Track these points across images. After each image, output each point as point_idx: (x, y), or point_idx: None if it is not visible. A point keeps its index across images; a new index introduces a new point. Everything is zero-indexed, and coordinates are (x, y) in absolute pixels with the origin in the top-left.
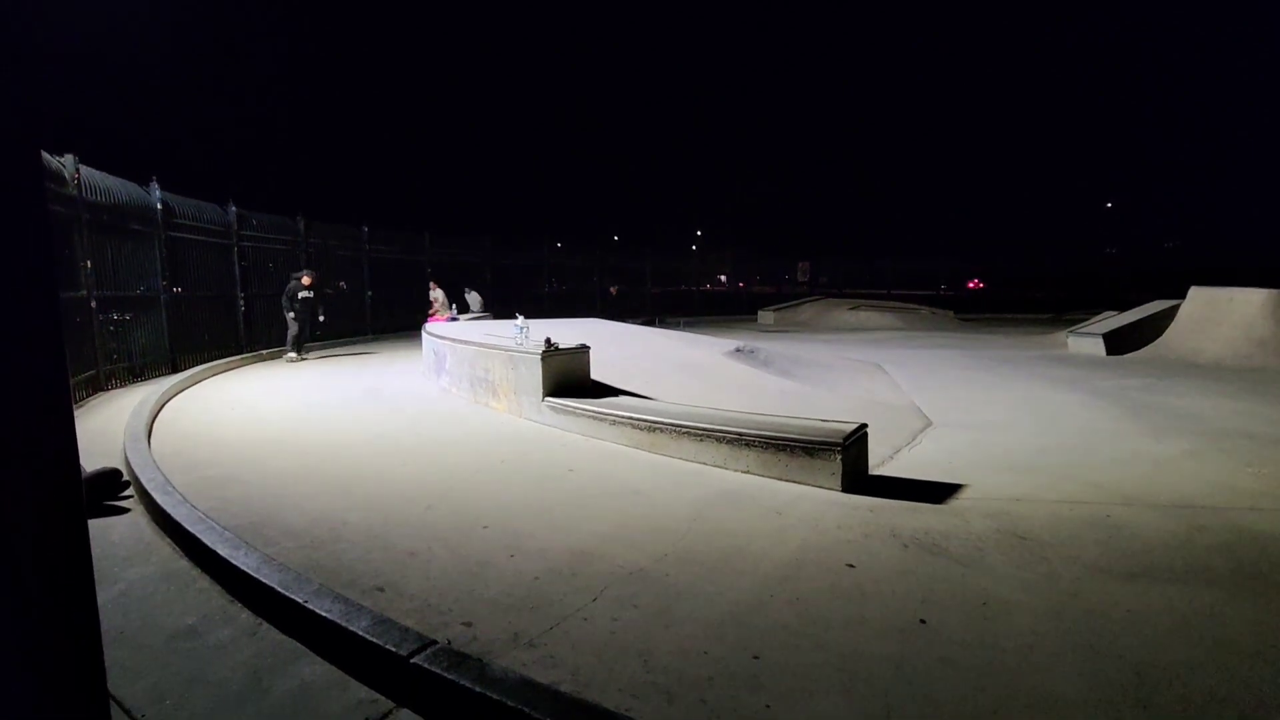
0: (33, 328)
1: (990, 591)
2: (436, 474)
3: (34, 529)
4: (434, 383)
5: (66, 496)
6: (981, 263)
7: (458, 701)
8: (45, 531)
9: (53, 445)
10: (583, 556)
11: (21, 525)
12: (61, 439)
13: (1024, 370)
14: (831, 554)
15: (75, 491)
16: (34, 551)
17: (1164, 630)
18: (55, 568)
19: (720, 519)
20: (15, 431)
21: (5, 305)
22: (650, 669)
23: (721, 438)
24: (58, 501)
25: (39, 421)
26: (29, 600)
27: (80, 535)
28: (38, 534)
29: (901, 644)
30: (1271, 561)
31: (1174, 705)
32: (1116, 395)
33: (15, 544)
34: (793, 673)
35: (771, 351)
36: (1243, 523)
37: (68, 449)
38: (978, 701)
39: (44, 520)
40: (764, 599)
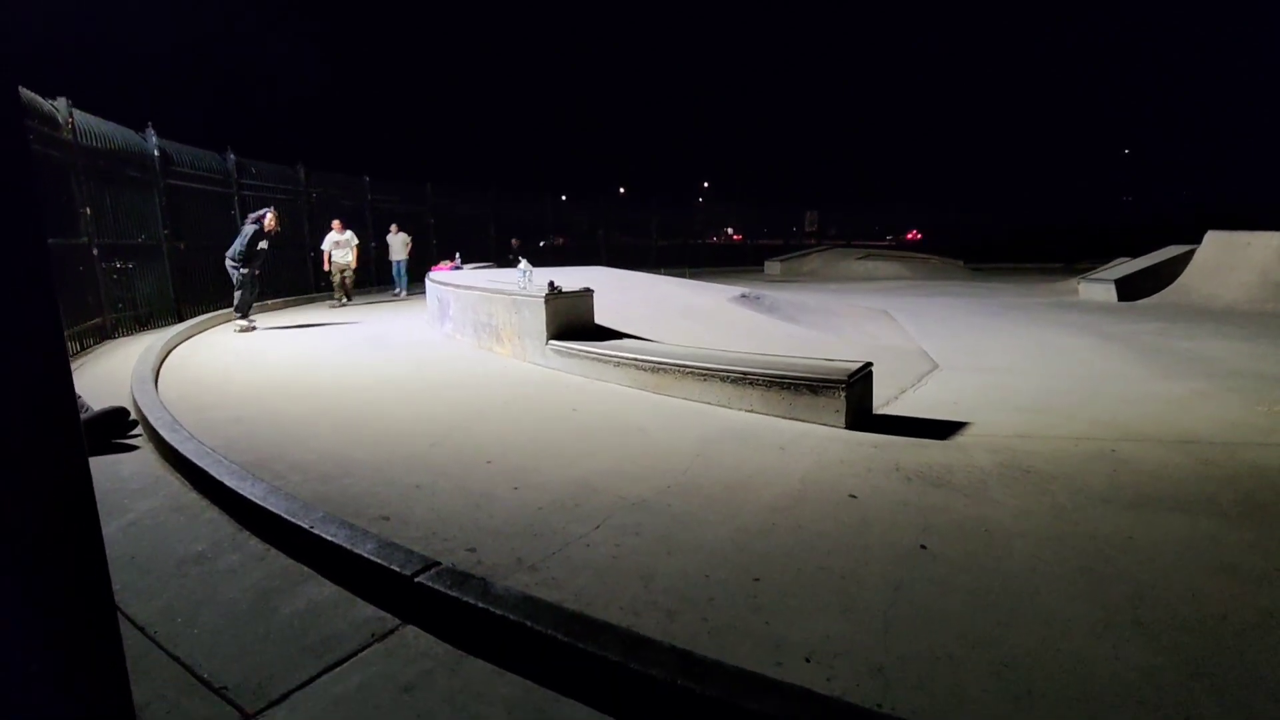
0: (15, 264)
1: (992, 520)
2: (441, 415)
3: (27, 452)
4: (438, 329)
5: (58, 416)
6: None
7: (461, 617)
8: (35, 452)
9: (43, 377)
10: (585, 489)
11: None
12: (55, 373)
13: (1033, 316)
14: (834, 486)
15: (69, 406)
16: (30, 477)
17: (1166, 555)
18: (54, 490)
19: (723, 454)
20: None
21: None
22: (651, 590)
23: (725, 377)
24: (51, 424)
25: (27, 355)
26: (28, 516)
27: (76, 451)
28: (29, 455)
29: (901, 568)
30: (1277, 492)
31: (1172, 623)
32: (1127, 339)
33: (11, 467)
34: (793, 593)
35: (777, 299)
36: (1250, 457)
37: (61, 379)
38: (976, 619)
39: (33, 440)
40: (766, 527)
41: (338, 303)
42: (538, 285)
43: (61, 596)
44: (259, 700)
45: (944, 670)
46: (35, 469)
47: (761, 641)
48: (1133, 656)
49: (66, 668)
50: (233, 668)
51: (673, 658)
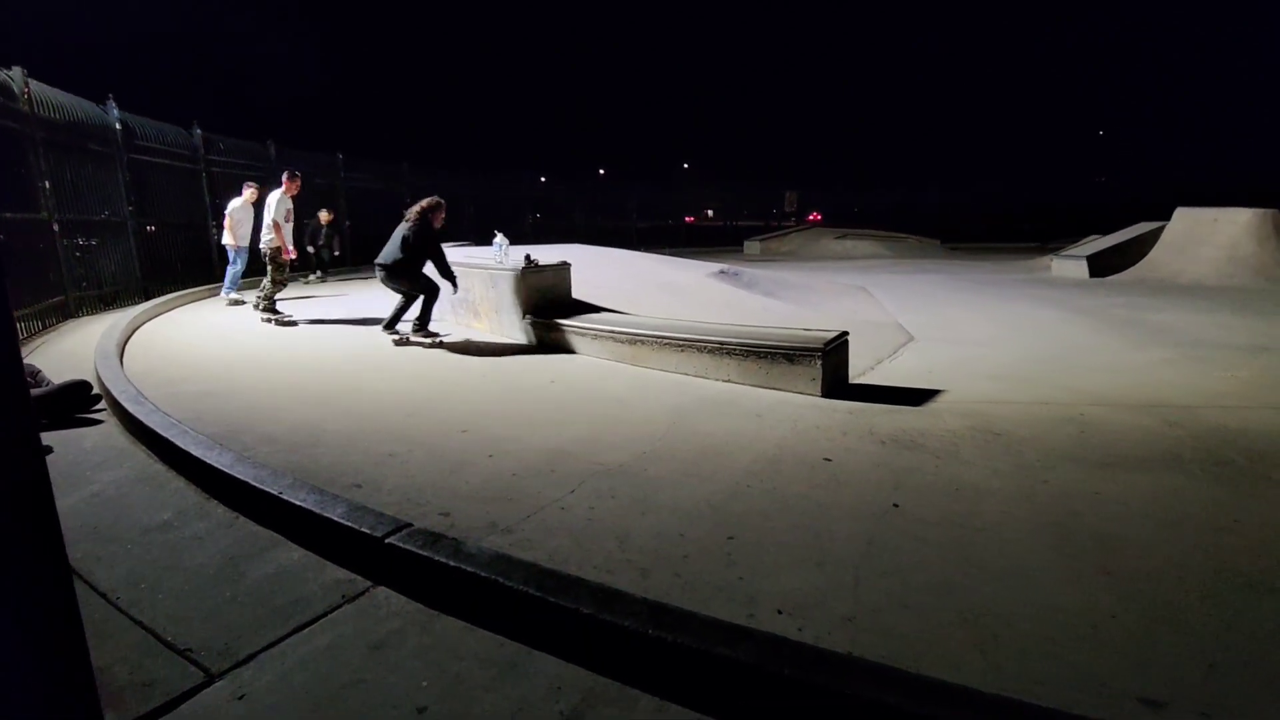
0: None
1: (963, 479)
2: (416, 387)
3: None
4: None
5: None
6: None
7: (433, 577)
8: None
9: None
10: (561, 455)
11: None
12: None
13: (1008, 291)
14: (809, 450)
15: (15, 375)
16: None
17: (1131, 509)
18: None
19: (700, 422)
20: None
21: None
22: (626, 549)
23: (703, 348)
24: None
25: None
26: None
27: (21, 419)
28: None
29: (874, 525)
30: (1239, 450)
31: (1136, 572)
32: (1098, 312)
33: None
34: (766, 550)
35: (756, 275)
36: (1213, 419)
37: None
38: (946, 571)
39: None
40: (741, 489)
41: (313, 280)
42: (514, 260)
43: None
44: (225, 661)
45: (913, 618)
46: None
47: (734, 595)
48: (1098, 603)
49: (13, 626)
50: (198, 630)
51: (645, 610)
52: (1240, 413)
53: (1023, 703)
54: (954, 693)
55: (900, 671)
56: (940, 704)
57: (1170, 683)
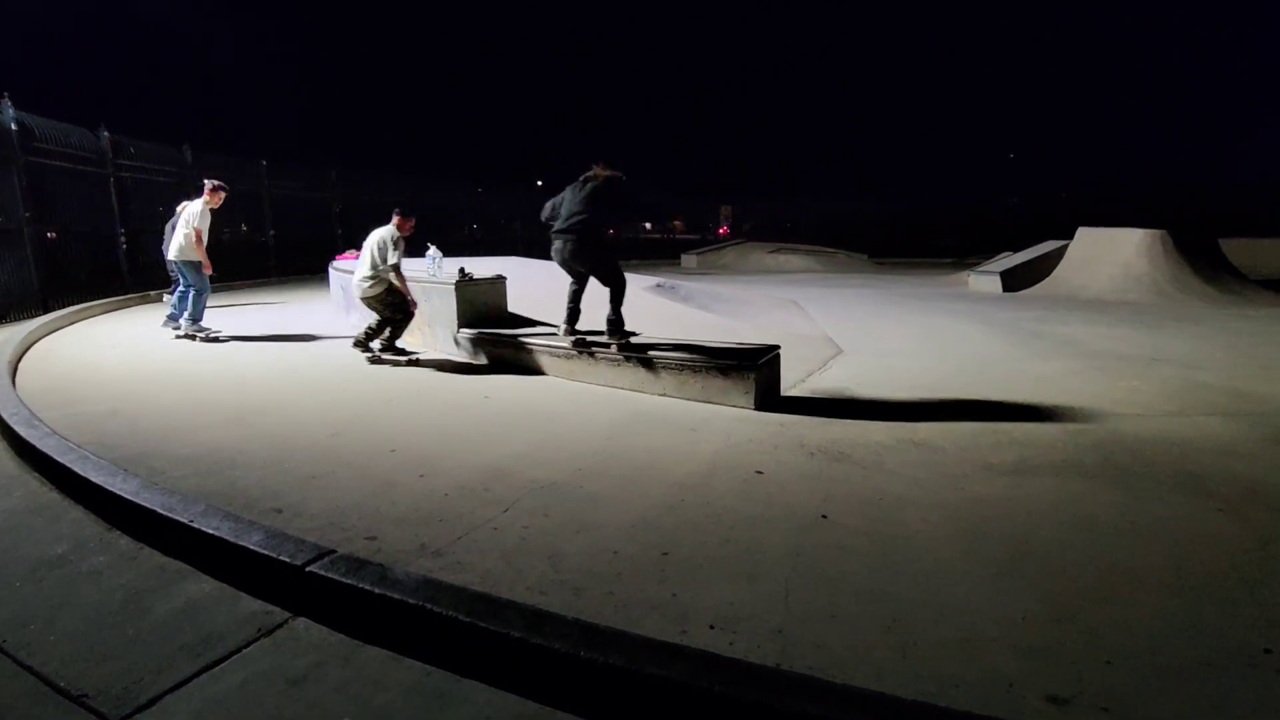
0: None
1: (887, 489)
2: (344, 405)
3: None
4: (344, 320)
5: None
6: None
7: (357, 605)
8: None
9: None
10: (495, 474)
11: None
12: None
13: (928, 305)
14: (742, 463)
15: None
16: None
17: (1039, 513)
18: None
19: (635, 437)
20: None
21: None
22: (559, 569)
23: (639, 362)
24: None
25: None
26: None
27: None
28: None
29: (803, 536)
30: (1135, 456)
31: (1044, 572)
32: (1010, 325)
33: None
34: (699, 565)
35: (692, 288)
36: (1113, 427)
37: None
38: (871, 579)
39: None
40: (675, 504)
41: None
42: (448, 273)
43: None
44: (124, 706)
45: (840, 628)
46: None
47: (668, 612)
48: (1009, 604)
49: None
50: (95, 674)
51: (576, 631)
52: (1137, 420)
53: (937, 707)
54: (873, 700)
55: (824, 682)
56: (861, 712)
57: (1073, 679)
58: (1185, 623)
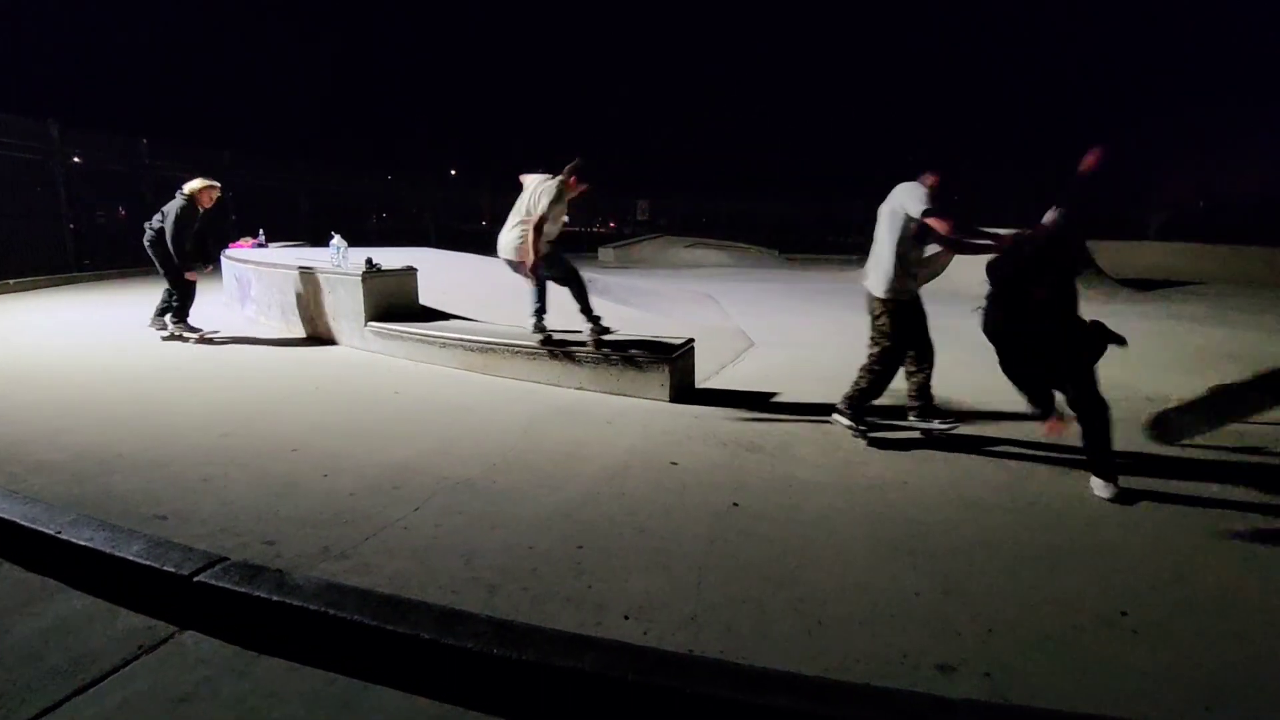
0: None
1: (795, 476)
2: (238, 403)
3: None
4: (238, 312)
5: None
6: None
7: (252, 615)
8: None
9: None
10: (406, 471)
11: None
12: None
13: (836, 300)
14: (657, 455)
15: None
16: None
17: (934, 494)
18: None
19: (552, 430)
20: None
21: None
22: (473, 567)
23: (554, 355)
24: None
25: None
26: None
27: None
28: None
29: (715, 525)
30: (1020, 437)
31: (935, 551)
32: None
33: None
34: (614, 557)
35: (609, 282)
36: (994, 406)
37: None
38: (781, 563)
39: None
40: (591, 497)
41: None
42: (354, 263)
43: None
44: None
45: (750, 612)
46: None
47: (583, 605)
48: (906, 581)
49: None
50: None
51: (489, 629)
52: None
53: (838, 682)
54: (774, 679)
55: (732, 665)
56: (764, 691)
57: (959, 649)
58: (1057, 592)
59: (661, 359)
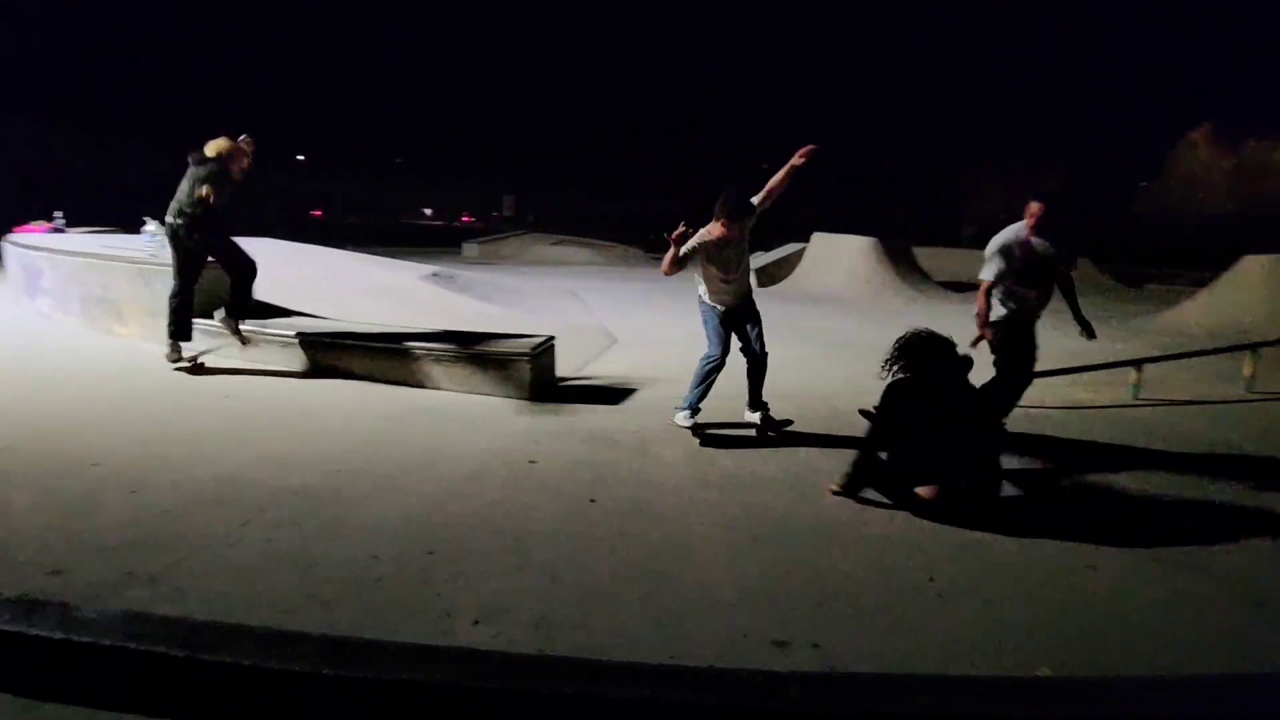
0: None
1: (651, 470)
2: (24, 412)
3: None
4: (28, 305)
5: None
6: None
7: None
8: None
9: None
10: (233, 484)
11: None
12: None
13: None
14: (516, 454)
15: None
16: None
17: (771, 480)
18: None
19: (407, 433)
20: None
21: None
22: (310, 582)
23: (412, 354)
24: None
25: None
26: None
27: None
28: None
29: (572, 522)
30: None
31: (777, 535)
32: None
33: None
34: (467, 561)
35: (472, 278)
36: (836, 404)
37: None
38: (632, 557)
39: None
40: (445, 500)
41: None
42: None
43: None
44: None
45: (602, 607)
46: None
47: (431, 613)
48: (749, 565)
49: None
50: None
51: (319, 648)
52: (852, 398)
53: (677, 667)
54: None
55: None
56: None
57: (793, 623)
58: (879, 565)
59: (522, 357)
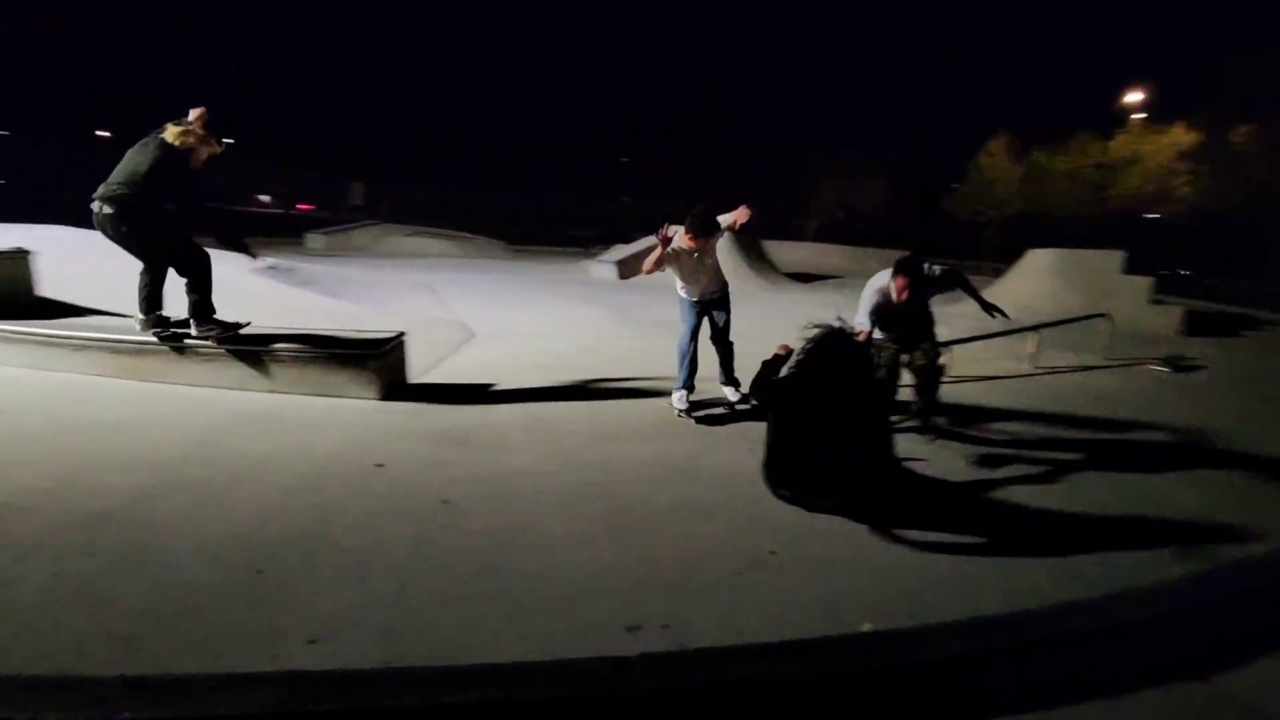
0: None
1: (508, 466)
2: None
3: None
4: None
5: None
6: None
7: None
8: None
9: None
10: (7, 512)
11: None
12: None
13: (557, 290)
14: (362, 457)
15: None
16: None
17: (634, 470)
18: None
19: (233, 442)
20: None
21: None
22: (104, 618)
23: (239, 355)
24: None
25: None
26: None
27: None
28: None
29: (422, 526)
30: (708, 415)
31: (630, 524)
32: (623, 309)
33: None
34: (302, 577)
35: (316, 271)
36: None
37: None
38: (487, 556)
39: None
40: (279, 512)
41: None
42: None
43: None
44: None
45: (454, 611)
46: None
47: (258, 637)
48: (606, 555)
49: None
50: None
51: (114, 690)
52: (709, 384)
53: (526, 664)
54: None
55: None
56: (459, 689)
57: (645, 606)
58: (726, 542)
59: (369, 354)
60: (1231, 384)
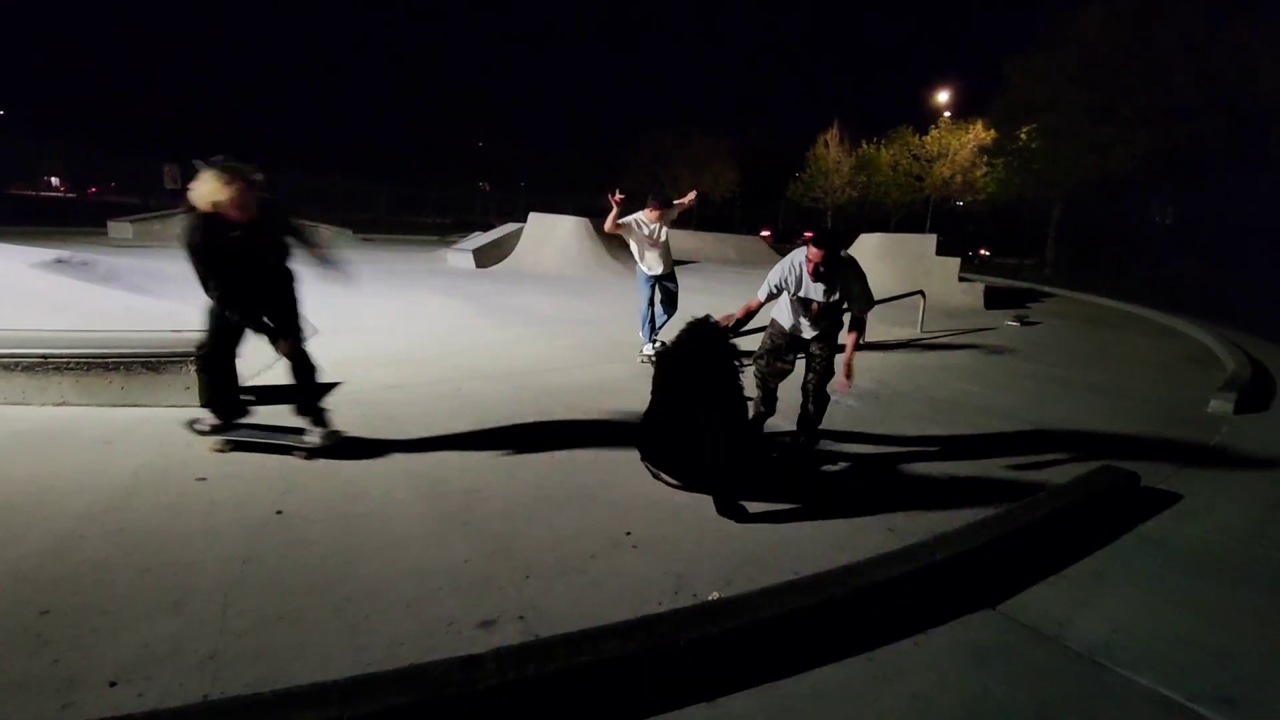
0: None
1: (352, 469)
2: None
3: None
4: None
5: None
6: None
7: None
8: None
9: None
10: None
11: None
12: None
13: (410, 281)
14: (179, 473)
15: None
16: None
17: (489, 465)
18: None
19: (8, 467)
20: None
21: None
22: None
23: (15, 365)
24: None
25: None
26: None
27: None
28: None
29: (252, 541)
30: (562, 402)
31: (487, 516)
32: (479, 298)
33: None
34: (100, 613)
35: (118, 265)
36: (548, 380)
37: None
38: (329, 565)
39: None
40: (70, 542)
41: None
42: None
43: None
44: None
45: (287, 629)
46: None
47: (46, 686)
48: (458, 552)
49: None
50: None
51: None
52: (563, 373)
53: (368, 676)
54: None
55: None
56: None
57: (500, 601)
58: (578, 530)
59: (184, 357)
60: (1034, 353)
